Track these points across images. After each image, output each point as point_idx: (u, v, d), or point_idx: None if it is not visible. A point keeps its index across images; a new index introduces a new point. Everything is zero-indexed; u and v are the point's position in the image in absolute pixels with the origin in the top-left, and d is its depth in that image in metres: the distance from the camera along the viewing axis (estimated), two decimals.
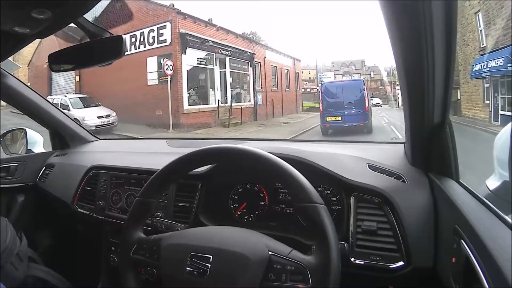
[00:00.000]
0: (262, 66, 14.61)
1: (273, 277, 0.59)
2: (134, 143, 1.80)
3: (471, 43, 4.59)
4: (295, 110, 17.55)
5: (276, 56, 16.07)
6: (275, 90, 15.53)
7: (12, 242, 0.74)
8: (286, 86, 16.82)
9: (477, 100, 4.78)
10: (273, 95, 15.13)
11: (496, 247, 0.46)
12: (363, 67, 26.78)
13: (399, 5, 0.50)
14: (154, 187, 0.72)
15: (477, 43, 4.42)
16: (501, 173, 0.81)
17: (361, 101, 8.73)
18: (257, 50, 14.17)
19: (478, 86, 4.73)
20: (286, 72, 17.08)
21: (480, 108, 4.58)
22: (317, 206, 0.60)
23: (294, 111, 17.21)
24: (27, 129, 1.57)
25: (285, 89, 16.63)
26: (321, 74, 19.55)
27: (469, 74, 4.78)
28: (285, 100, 16.15)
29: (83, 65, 0.86)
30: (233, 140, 2.04)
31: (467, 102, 5.25)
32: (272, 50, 16.00)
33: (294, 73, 18.12)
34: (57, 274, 1.02)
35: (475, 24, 4.32)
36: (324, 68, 27.67)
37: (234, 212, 0.97)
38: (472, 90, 5.05)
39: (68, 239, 1.40)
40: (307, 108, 18.96)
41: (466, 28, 4.48)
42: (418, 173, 0.84)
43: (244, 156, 0.68)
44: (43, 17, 0.54)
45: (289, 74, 17.58)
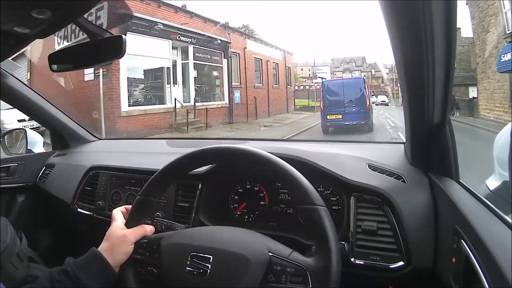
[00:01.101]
0: (241, 58, 12.35)
1: (273, 279, 0.58)
2: (134, 143, 1.80)
3: (492, 29, 3.91)
4: (286, 109, 15.82)
5: (260, 47, 13.88)
6: (259, 86, 13.48)
7: (12, 242, 0.74)
8: (274, 82, 14.92)
9: (501, 99, 4.09)
10: (257, 92, 13.04)
11: (496, 247, 0.46)
12: (364, 64, 26.28)
13: (399, 5, 0.50)
14: (155, 186, 0.72)
15: (501, 28, 3.72)
16: (501, 173, 0.81)
17: (362, 99, 8.74)
18: (234, 39, 11.82)
19: (503, 81, 4.02)
20: (274, 66, 15.07)
21: (505, 109, 3.89)
22: (318, 208, 0.60)
23: (284, 110, 15.53)
24: (27, 129, 1.57)
25: (273, 86, 14.69)
26: (315, 69, 18.59)
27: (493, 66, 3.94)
28: (273, 98, 14.30)
29: (83, 65, 0.86)
30: (233, 140, 2.04)
31: (487, 101, 4.61)
32: (256, 40, 13.84)
33: (284, 68, 16.16)
34: None
35: (498, 6, 3.66)
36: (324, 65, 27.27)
37: (234, 212, 0.97)
38: (494, 87, 4.33)
39: (68, 239, 1.40)
40: (300, 106, 17.64)
41: (485, 11, 3.84)
42: (418, 173, 0.84)
43: (244, 156, 0.68)
44: (43, 17, 0.54)
45: (278, 69, 15.46)
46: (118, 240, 0.68)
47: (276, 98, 14.91)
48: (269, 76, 14.32)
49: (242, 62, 12.44)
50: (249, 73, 12.69)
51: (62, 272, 0.63)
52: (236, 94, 11.93)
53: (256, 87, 13.34)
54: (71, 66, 0.87)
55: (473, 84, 5.10)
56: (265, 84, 14.09)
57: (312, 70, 19.20)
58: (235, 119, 11.37)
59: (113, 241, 0.68)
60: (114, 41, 0.73)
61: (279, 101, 15.25)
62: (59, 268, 0.64)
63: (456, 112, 4.82)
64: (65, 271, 0.63)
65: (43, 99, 1.40)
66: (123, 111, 7.92)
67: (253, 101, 12.80)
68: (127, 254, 0.68)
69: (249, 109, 12.51)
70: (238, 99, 11.98)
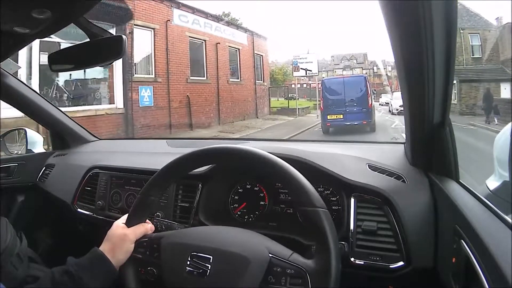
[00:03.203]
0: (159, 36, 7.95)
1: (272, 280, 0.58)
2: (134, 143, 1.80)
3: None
4: (254, 113, 11.49)
5: (204, 23, 9.54)
6: (199, 80, 9.28)
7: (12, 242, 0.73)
8: (230, 75, 10.71)
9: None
10: (194, 89, 8.99)
11: (496, 247, 0.46)
12: (365, 61, 25.04)
13: (399, 5, 0.50)
14: (155, 186, 0.72)
15: None
16: (501, 173, 0.82)
17: (364, 98, 8.43)
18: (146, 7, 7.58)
19: None
20: (234, 52, 10.98)
21: None
22: (318, 211, 0.60)
23: (251, 114, 11.24)
24: (27, 129, 1.57)
25: (228, 80, 10.48)
26: (297, 59, 13.32)
27: None
28: (229, 97, 10.30)
29: (83, 65, 0.86)
30: (234, 140, 2.04)
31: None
32: (194, 12, 9.19)
33: (252, 56, 11.78)
34: None
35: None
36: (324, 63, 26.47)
37: (234, 212, 0.97)
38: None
39: (68, 239, 1.40)
40: (277, 109, 13.28)
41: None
42: (418, 173, 0.84)
43: (245, 157, 0.68)
44: (43, 17, 0.54)
45: (240, 56, 11.16)
46: (119, 239, 0.68)
47: (236, 98, 10.68)
48: (219, 66, 10.02)
49: (161, 43, 8.00)
50: (176, 61, 8.37)
51: (64, 273, 0.63)
52: (145, 93, 7.51)
53: (192, 81, 9.00)
54: (71, 66, 0.87)
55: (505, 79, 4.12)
56: (212, 77, 9.78)
57: (293, 60, 13.43)
58: (148, 132, 7.28)
59: (114, 241, 0.68)
60: (114, 41, 0.73)
61: (241, 102, 10.94)
62: (61, 268, 0.64)
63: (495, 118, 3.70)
64: (67, 271, 0.63)
65: (43, 99, 1.41)
66: None
67: (186, 102, 8.61)
68: (128, 253, 0.68)
69: (175, 115, 8.33)
70: (149, 101, 7.58)
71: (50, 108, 1.43)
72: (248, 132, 8.82)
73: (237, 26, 11.78)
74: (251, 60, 11.93)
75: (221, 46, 10.28)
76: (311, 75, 14.25)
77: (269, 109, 13.12)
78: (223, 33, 10.56)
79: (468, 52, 5.05)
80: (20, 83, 1.31)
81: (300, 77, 14.81)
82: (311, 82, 18.47)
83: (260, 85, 12.47)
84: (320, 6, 40.13)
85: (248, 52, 11.82)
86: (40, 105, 1.39)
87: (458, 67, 4.79)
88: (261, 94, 12.39)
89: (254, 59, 12.15)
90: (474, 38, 5.14)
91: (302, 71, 13.34)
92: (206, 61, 9.79)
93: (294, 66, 13.50)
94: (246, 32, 11.91)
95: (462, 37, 4.96)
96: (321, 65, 26.43)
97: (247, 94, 11.56)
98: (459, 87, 5.33)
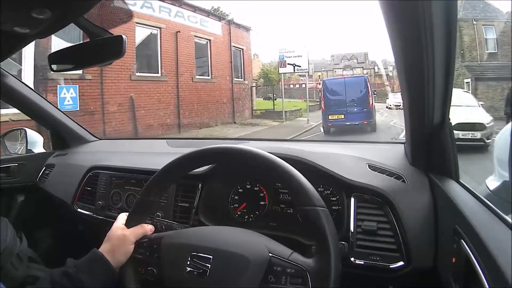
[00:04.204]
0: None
1: (272, 279, 0.58)
2: (134, 143, 1.80)
3: None
4: (231, 118, 9.68)
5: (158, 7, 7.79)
6: (148, 77, 7.62)
7: (12, 242, 0.74)
8: (197, 72, 8.82)
9: None
10: (140, 88, 7.25)
11: (496, 247, 0.46)
12: (366, 61, 24.39)
13: (399, 5, 0.50)
14: (155, 186, 0.72)
15: None
16: (501, 173, 0.82)
17: (365, 99, 8.49)
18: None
19: None
20: (204, 45, 9.11)
21: None
22: (318, 210, 0.60)
23: (226, 118, 9.45)
24: (27, 129, 1.57)
25: (193, 77, 8.59)
26: (284, 52, 11.25)
27: None
28: (196, 98, 8.55)
29: (83, 65, 0.87)
30: (234, 140, 2.04)
31: None
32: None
33: (228, 49, 9.85)
34: None
35: None
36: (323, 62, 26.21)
37: (234, 212, 0.97)
38: None
39: (68, 239, 1.40)
40: (260, 112, 11.47)
41: None
42: (418, 173, 0.84)
43: (245, 157, 0.68)
44: (43, 17, 0.54)
45: (210, 49, 9.23)
46: (118, 240, 0.68)
47: (206, 100, 8.85)
48: (181, 61, 8.22)
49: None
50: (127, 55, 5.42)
51: (64, 274, 0.62)
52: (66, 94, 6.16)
53: (139, 78, 7.33)
54: (71, 66, 0.87)
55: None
56: (171, 73, 8.02)
57: (279, 54, 11.42)
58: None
59: (113, 242, 0.68)
60: (114, 41, 0.73)
61: (212, 104, 9.09)
62: (60, 269, 0.64)
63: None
64: (66, 273, 0.63)
65: (43, 99, 1.41)
66: None
67: (129, 105, 6.90)
68: (128, 254, 0.68)
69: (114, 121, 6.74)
70: (73, 103, 6.17)
71: (50, 108, 1.43)
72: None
73: (208, 13, 9.30)
74: (227, 54, 9.74)
75: (184, 36, 8.30)
76: (300, 72, 12.45)
77: (251, 112, 11.00)
78: (187, 20, 8.36)
79: (482, 46, 4.57)
80: (20, 83, 1.31)
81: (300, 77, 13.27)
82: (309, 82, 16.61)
83: (240, 83, 10.40)
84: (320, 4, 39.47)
85: (224, 44, 9.69)
86: (40, 105, 1.39)
87: (472, 63, 4.43)
88: (241, 94, 10.31)
89: (232, 53, 9.98)
90: (488, 30, 4.59)
91: (290, 67, 11.36)
92: (160, 54, 7.84)
93: (280, 61, 11.48)
94: (221, 21, 9.58)
95: (475, 29, 4.55)
96: (320, 65, 25.95)
97: (221, 95, 9.48)
98: (475, 86, 4.76)
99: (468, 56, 4.68)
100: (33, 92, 1.37)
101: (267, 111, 11.60)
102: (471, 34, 4.50)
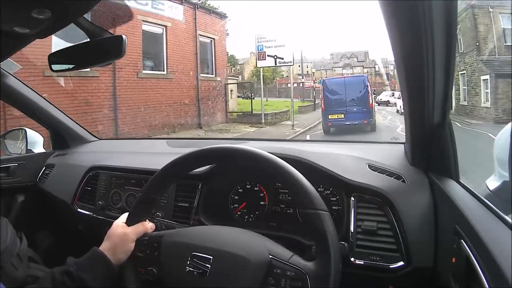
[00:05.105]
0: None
1: (272, 282, 0.58)
2: (134, 143, 1.80)
3: None
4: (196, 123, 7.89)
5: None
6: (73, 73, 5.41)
7: (12, 242, 0.73)
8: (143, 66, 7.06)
9: None
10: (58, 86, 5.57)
11: (496, 247, 0.46)
12: (366, 59, 23.91)
13: (399, 5, 0.50)
14: (156, 185, 0.73)
15: None
16: (501, 173, 0.81)
17: (365, 98, 8.52)
18: None
19: None
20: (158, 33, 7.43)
21: None
22: (320, 213, 0.59)
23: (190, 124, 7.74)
24: (27, 129, 1.57)
25: (139, 73, 6.90)
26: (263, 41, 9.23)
27: None
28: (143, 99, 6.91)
29: (83, 65, 0.86)
30: (233, 140, 2.04)
31: None
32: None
33: (192, 39, 8.03)
34: None
35: None
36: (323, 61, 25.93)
37: (234, 212, 0.97)
38: None
39: (68, 239, 1.40)
40: (236, 115, 9.67)
41: None
42: (418, 173, 0.84)
43: (245, 157, 0.68)
44: (43, 17, 0.54)
45: (166, 38, 7.47)
46: (119, 238, 0.68)
47: (158, 101, 7.18)
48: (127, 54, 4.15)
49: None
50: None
51: (64, 273, 0.62)
52: None
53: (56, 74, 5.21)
54: (71, 66, 0.87)
55: None
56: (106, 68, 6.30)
57: (257, 45, 9.32)
58: None
59: (114, 240, 0.68)
60: (114, 41, 0.73)
61: (169, 106, 7.44)
62: (61, 268, 0.64)
63: None
64: (67, 271, 0.63)
65: (43, 99, 1.41)
66: None
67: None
68: (128, 252, 0.68)
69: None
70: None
71: (50, 108, 1.43)
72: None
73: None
74: (191, 45, 7.92)
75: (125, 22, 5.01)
76: (282, 64, 10.28)
77: (225, 115, 9.07)
78: (131, 2, 6.64)
79: (500, 38, 3.84)
80: (20, 83, 1.31)
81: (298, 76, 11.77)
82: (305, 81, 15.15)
83: (210, 80, 8.53)
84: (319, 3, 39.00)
85: (186, 32, 7.84)
86: (40, 105, 1.39)
87: (490, 57, 3.81)
88: (211, 93, 8.52)
89: (197, 43, 8.09)
90: (505, 19, 3.74)
91: (270, 59, 9.36)
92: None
93: (259, 52, 9.32)
94: (183, 4, 7.72)
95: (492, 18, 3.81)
96: (320, 64, 25.65)
97: (182, 94, 7.68)
98: (495, 83, 3.94)
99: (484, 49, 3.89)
100: (33, 92, 1.37)
101: (244, 114, 9.68)
102: (486, 23, 3.81)
